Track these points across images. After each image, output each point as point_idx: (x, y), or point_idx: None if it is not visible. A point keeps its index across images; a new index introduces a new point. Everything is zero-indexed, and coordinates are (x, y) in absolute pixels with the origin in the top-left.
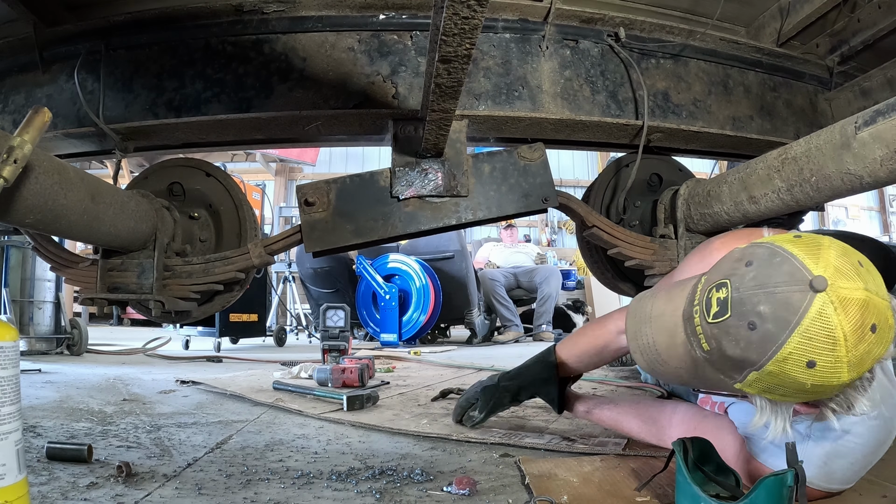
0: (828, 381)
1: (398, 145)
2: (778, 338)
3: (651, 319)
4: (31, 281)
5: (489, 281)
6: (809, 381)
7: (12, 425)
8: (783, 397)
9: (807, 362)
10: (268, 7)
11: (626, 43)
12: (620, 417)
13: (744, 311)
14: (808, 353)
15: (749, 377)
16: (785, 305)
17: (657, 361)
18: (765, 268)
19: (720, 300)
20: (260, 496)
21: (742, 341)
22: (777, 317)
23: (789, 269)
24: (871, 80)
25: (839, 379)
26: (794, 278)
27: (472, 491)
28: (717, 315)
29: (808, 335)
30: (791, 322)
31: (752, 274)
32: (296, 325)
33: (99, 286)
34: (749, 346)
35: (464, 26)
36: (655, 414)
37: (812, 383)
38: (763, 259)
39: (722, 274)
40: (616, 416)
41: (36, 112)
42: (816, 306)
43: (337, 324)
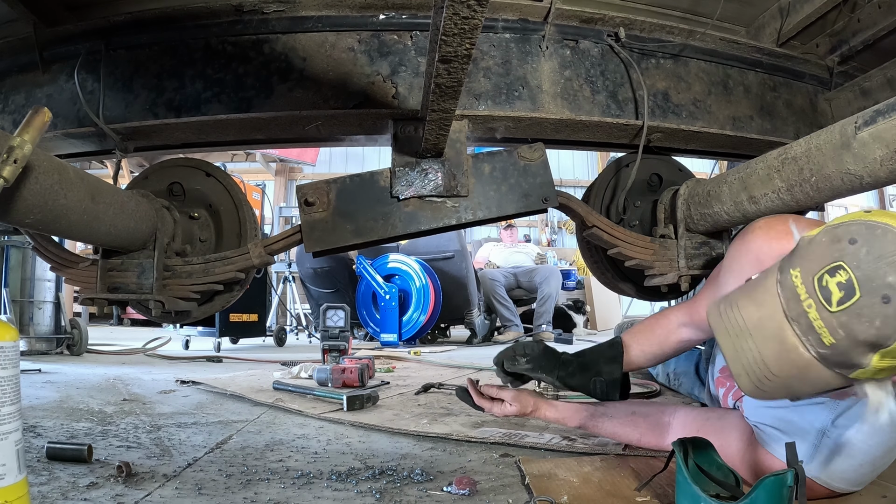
0: None
1: (398, 145)
2: None
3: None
4: (31, 281)
5: (489, 281)
6: None
7: (12, 425)
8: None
9: None
10: (268, 7)
11: (626, 43)
12: (618, 429)
13: (874, 287)
14: None
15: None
16: None
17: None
18: (874, 241)
19: (841, 284)
20: (260, 496)
21: (878, 318)
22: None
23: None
24: (871, 80)
25: None
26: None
27: (472, 491)
28: (842, 300)
29: None
30: None
31: (865, 250)
32: (296, 325)
33: (99, 286)
34: (885, 322)
35: (464, 26)
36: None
37: None
38: (864, 234)
39: (827, 259)
40: (614, 427)
41: (36, 112)
42: None
43: (337, 324)
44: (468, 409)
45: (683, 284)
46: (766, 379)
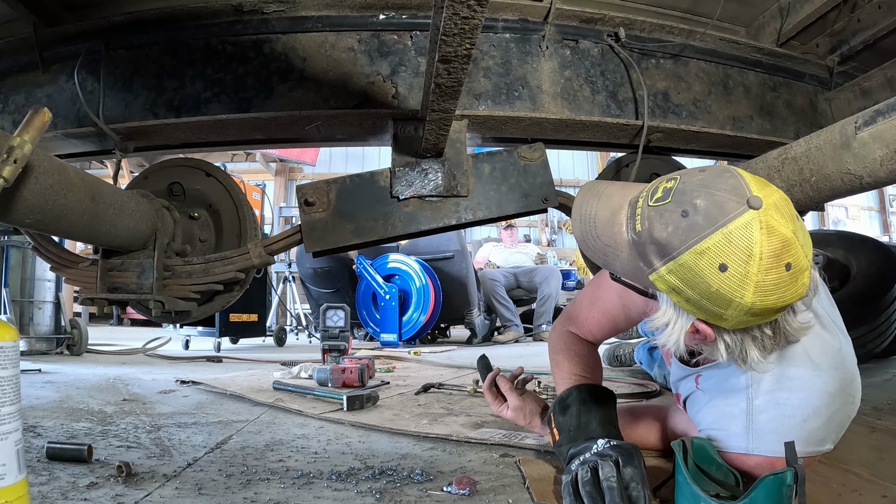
0: (732, 293)
1: (398, 145)
2: (703, 230)
3: (601, 196)
4: (31, 281)
5: (489, 281)
6: (716, 284)
7: (12, 425)
8: (687, 303)
9: (720, 264)
10: (268, 7)
11: (626, 43)
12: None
13: (682, 200)
14: (723, 254)
15: (664, 267)
16: (719, 206)
17: (590, 234)
18: (714, 176)
19: (666, 189)
20: (260, 496)
21: (671, 225)
22: (708, 212)
23: (734, 183)
24: (871, 80)
25: (742, 297)
26: (736, 192)
27: (472, 491)
28: (658, 200)
29: (729, 238)
30: (718, 221)
31: (701, 177)
32: (296, 325)
33: (99, 286)
34: (676, 231)
35: (464, 26)
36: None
37: (718, 289)
38: (715, 170)
39: (677, 173)
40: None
41: (36, 112)
42: (745, 218)
43: (337, 324)
44: (468, 410)
45: None
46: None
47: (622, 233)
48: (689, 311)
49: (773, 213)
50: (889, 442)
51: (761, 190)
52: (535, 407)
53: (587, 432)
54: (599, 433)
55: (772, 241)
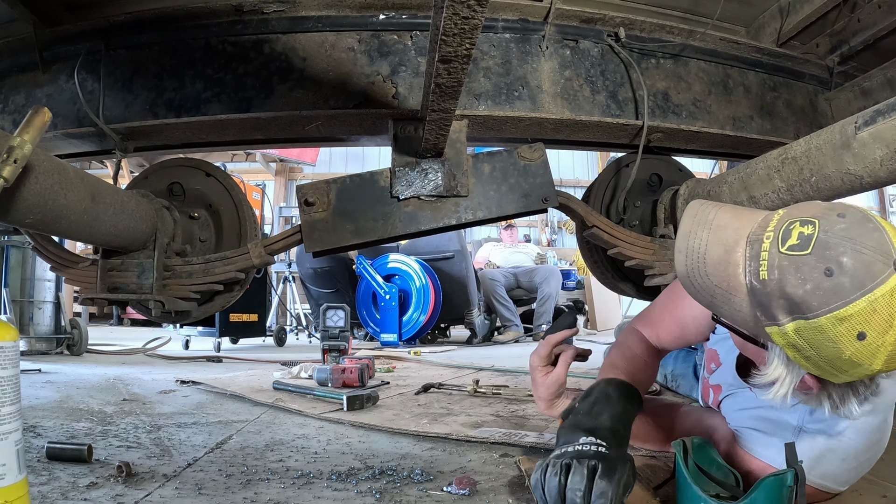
0: (863, 360)
1: (398, 145)
2: (848, 295)
3: (712, 226)
4: (31, 281)
5: (489, 281)
6: (849, 352)
7: (12, 425)
8: (807, 361)
9: (858, 333)
10: (268, 7)
11: (626, 43)
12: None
13: (826, 255)
14: (865, 323)
15: (792, 324)
16: (866, 268)
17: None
18: (857, 226)
19: (803, 235)
20: (260, 496)
21: (810, 283)
22: (856, 275)
23: (879, 238)
24: (871, 80)
25: (871, 364)
26: (882, 249)
27: (472, 491)
28: (793, 248)
29: (874, 307)
30: (866, 286)
31: (845, 225)
32: (296, 325)
33: (99, 286)
34: (815, 291)
35: (464, 26)
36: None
37: (849, 356)
38: (856, 218)
39: (810, 213)
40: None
41: (36, 112)
42: (891, 284)
43: (337, 324)
44: (468, 409)
45: None
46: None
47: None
48: (804, 367)
49: None
50: (889, 443)
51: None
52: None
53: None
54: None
55: None
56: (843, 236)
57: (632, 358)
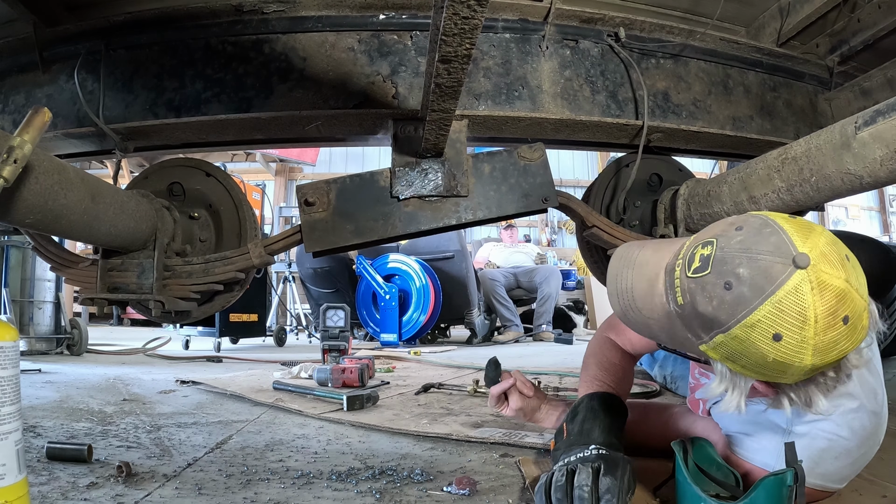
0: (790, 359)
1: (398, 145)
2: (750, 302)
3: (635, 265)
4: (31, 281)
5: (489, 281)
6: (772, 354)
7: (12, 425)
8: (744, 369)
9: (773, 334)
10: (268, 7)
11: (626, 43)
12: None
13: (723, 270)
14: (776, 324)
15: (715, 339)
16: (764, 273)
17: (630, 307)
18: (753, 235)
19: (703, 256)
20: (260, 496)
21: (715, 299)
22: (754, 282)
23: (776, 241)
24: (871, 80)
25: (801, 361)
26: (780, 251)
27: (472, 491)
28: (697, 270)
29: (780, 307)
30: (766, 290)
31: (740, 238)
32: (296, 325)
33: (99, 286)
34: (721, 306)
35: (464, 26)
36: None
37: (774, 358)
38: (754, 227)
39: (711, 234)
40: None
41: (36, 112)
42: (794, 281)
43: (337, 324)
44: (468, 409)
45: None
46: (631, 310)
47: (663, 304)
48: (747, 375)
49: (823, 265)
50: (889, 442)
51: (805, 241)
52: (536, 402)
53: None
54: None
55: (825, 299)
56: (738, 249)
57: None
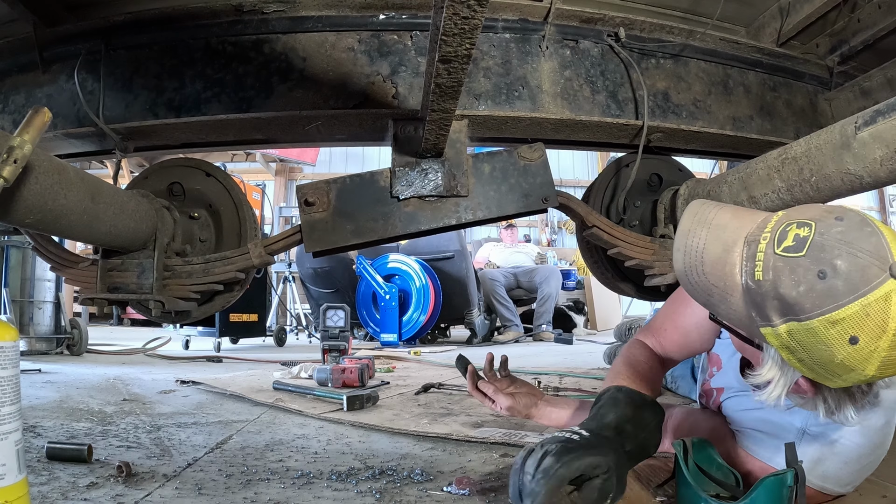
0: (856, 365)
1: (398, 145)
2: (841, 297)
3: (711, 226)
4: (31, 281)
5: (489, 281)
6: (841, 356)
7: (12, 425)
8: (800, 363)
9: (851, 336)
10: (268, 7)
11: (626, 43)
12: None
13: (821, 257)
14: (857, 327)
15: (784, 326)
16: (861, 271)
17: (695, 269)
18: (855, 230)
19: (798, 237)
20: (260, 496)
21: (803, 285)
22: (850, 277)
23: (876, 242)
24: (871, 80)
25: (865, 370)
26: (878, 254)
27: (472, 491)
28: (788, 249)
29: (866, 310)
30: (859, 290)
31: (841, 229)
32: (296, 325)
33: (99, 286)
34: (808, 293)
35: (464, 26)
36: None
37: (842, 360)
38: (854, 222)
39: (807, 215)
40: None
41: (36, 112)
42: (886, 289)
43: (337, 324)
44: (468, 409)
45: None
46: (696, 272)
47: (734, 275)
48: (798, 369)
49: None
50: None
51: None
52: (530, 399)
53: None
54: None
55: None
56: (839, 239)
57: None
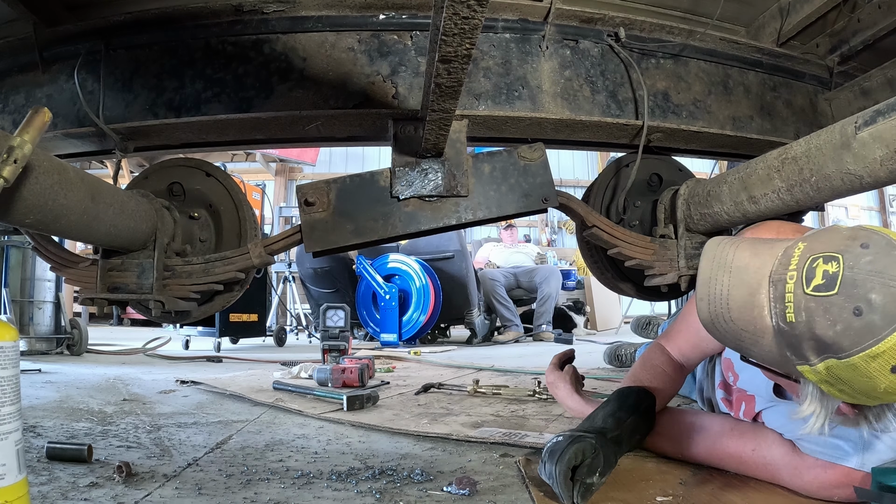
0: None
1: (398, 145)
2: (880, 332)
3: (731, 270)
4: (31, 281)
5: (489, 281)
6: (885, 384)
7: (12, 425)
8: (840, 393)
9: (892, 366)
10: (268, 7)
11: (626, 43)
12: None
13: (854, 293)
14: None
15: (823, 364)
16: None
17: (721, 317)
18: (883, 256)
19: (827, 273)
20: (260, 496)
21: (840, 324)
22: (887, 310)
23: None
24: (871, 80)
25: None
26: None
27: (472, 491)
28: (819, 288)
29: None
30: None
31: (870, 258)
32: (296, 325)
33: (99, 286)
34: (846, 332)
35: (464, 26)
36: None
37: (885, 387)
38: (881, 247)
39: (832, 247)
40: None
41: (36, 112)
42: None
43: (337, 324)
44: (468, 409)
45: (683, 284)
46: (722, 319)
47: (764, 318)
48: (839, 398)
49: None
50: None
51: None
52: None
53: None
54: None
55: None
56: (870, 270)
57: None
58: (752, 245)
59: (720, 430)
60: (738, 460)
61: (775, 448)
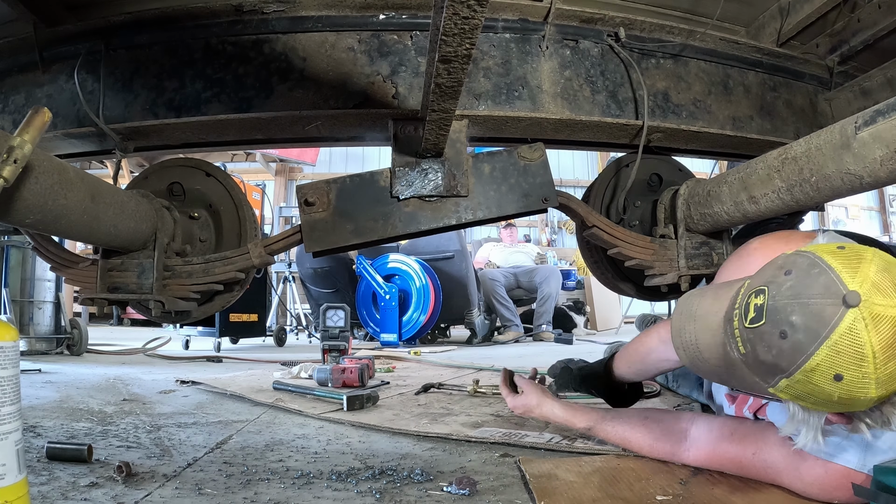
0: (855, 395)
1: (398, 145)
2: (806, 349)
3: (696, 318)
4: (31, 281)
5: (489, 281)
6: (836, 393)
7: (12, 425)
8: (815, 406)
9: (834, 375)
10: (268, 7)
11: (626, 43)
12: (628, 434)
13: (777, 320)
14: (835, 366)
15: (781, 383)
16: (816, 318)
17: (698, 359)
18: (802, 278)
19: (757, 306)
20: (260, 496)
21: (774, 348)
22: (808, 328)
23: (825, 281)
24: (871, 80)
25: (867, 394)
26: (829, 291)
27: (472, 491)
28: (753, 320)
29: (836, 349)
30: (821, 335)
31: (790, 283)
32: (296, 325)
33: (99, 286)
34: (780, 354)
35: (464, 26)
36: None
37: (839, 396)
38: (802, 269)
39: (762, 280)
40: (623, 431)
41: (36, 112)
42: (847, 321)
43: (337, 324)
44: (468, 409)
45: (683, 284)
46: (700, 361)
47: (730, 353)
48: (820, 410)
49: (875, 298)
50: None
51: (855, 276)
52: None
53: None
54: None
55: (881, 332)
56: (789, 296)
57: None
58: (714, 292)
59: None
60: (738, 465)
61: (776, 450)
